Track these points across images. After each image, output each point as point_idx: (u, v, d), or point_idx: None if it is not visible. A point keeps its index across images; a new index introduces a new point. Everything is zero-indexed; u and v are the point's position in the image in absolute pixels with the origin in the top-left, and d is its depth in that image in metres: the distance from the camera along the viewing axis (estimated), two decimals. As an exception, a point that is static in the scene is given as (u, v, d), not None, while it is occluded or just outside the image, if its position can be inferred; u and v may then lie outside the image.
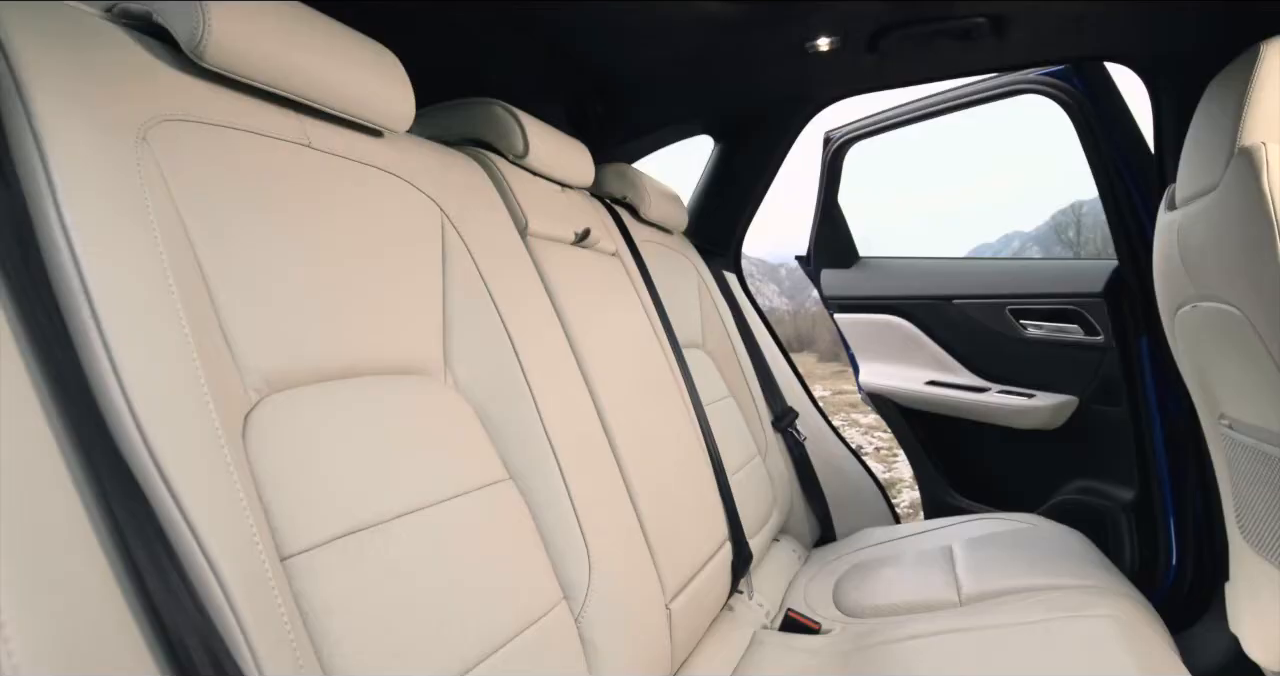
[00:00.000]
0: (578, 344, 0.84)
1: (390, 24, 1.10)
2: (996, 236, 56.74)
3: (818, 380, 8.99)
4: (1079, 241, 23.32)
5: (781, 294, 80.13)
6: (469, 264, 0.73)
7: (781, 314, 42.20)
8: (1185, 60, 1.23)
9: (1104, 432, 1.52)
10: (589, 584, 0.68)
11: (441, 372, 0.68)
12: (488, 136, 0.90)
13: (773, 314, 31.95)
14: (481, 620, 0.57)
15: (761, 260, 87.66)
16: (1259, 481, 1.02)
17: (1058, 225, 10.62)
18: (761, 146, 1.56)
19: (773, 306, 59.89)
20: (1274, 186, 0.81)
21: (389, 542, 0.52)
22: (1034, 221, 37.37)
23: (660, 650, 0.77)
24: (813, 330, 17.69)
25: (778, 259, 29.88)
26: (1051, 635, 0.85)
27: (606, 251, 1.06)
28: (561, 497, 0.70)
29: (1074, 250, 7.99)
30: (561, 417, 0.74)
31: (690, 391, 1.09)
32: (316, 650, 0.44)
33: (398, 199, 0.68)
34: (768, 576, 1.24)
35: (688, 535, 0.91)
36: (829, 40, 1.28)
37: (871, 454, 4.92)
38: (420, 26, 1.14)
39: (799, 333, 19.87)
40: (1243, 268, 0.87)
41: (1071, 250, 8.29)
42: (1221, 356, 1.00)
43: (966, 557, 1.18)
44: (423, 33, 1.16)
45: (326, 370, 0.55)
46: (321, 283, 0.57)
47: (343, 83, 0.62)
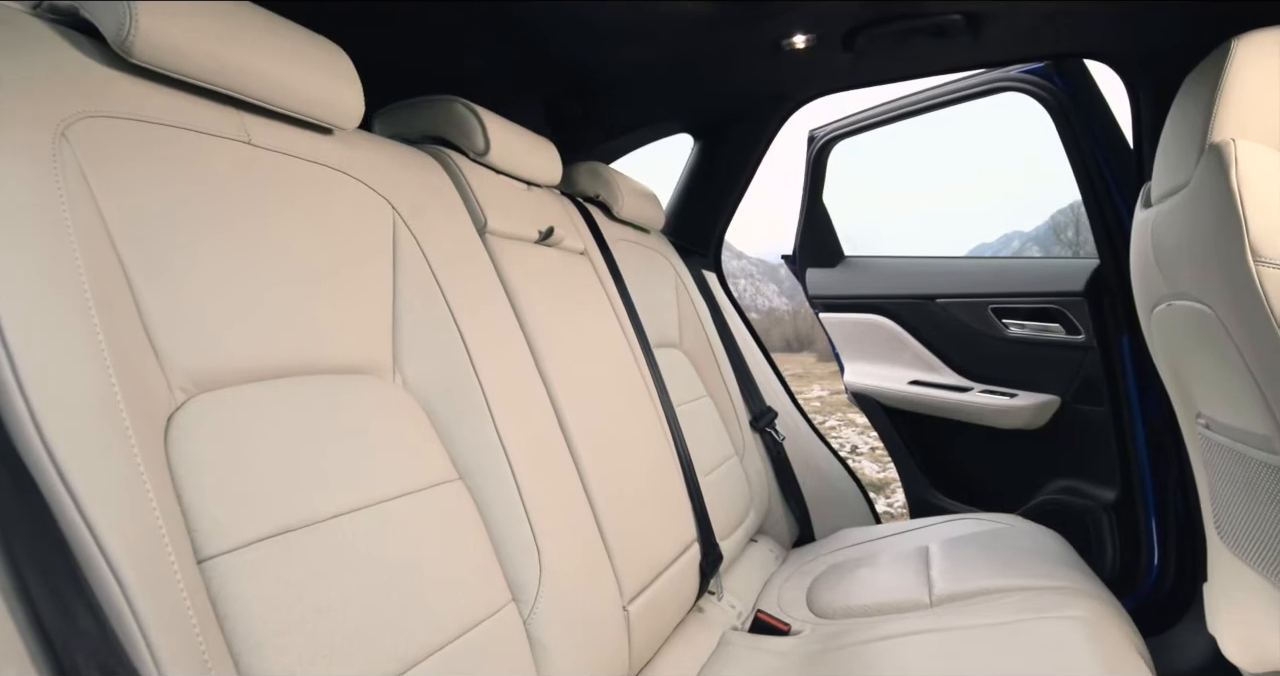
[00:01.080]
0: (537, 343, 0.83)
1: (365, 23, 1.10)
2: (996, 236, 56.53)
3: (816, 380, 8.98)
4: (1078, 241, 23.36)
5: (781, 294, 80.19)
6: (421, 262, 0.72)
7: (781, 314, 42.23)
8: (1162, 57, 1.22)
9: (1086, 432, 1.52)
10: (539, 585, 0.68)
11: (390, 372, 0.68)
12: (448, 134, 0.89)
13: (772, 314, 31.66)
14: (422, 620, 0.56)
15: (761, 260, 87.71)
16: (1234, 482, 1.01)
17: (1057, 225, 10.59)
18: (740, 145, 1.56)
19: (772, 306, 59.95)
20: (1242, 183, 0.81)
21: (321, 543, 0.51)
22: (1033, 221, 37.07)
23: (615, 651, 0.76)
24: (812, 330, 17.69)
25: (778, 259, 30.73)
26: (1018, 636, 0.85)
27: (574, 250, 1.05)
28: (512, 498, 0.69)
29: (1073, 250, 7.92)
30: (515, 417, 0.73)
31: (660, 391, 1.08)
32: (233, 652, 0.44)
33: (346, 197, 0.68)
34: (742, 577, 1.23)
35: (651, 536, 0.90)
36: (804, 38, 1.27)
37: (867, 453, 4.91)
38: (395, 25, 1.14)
39: (798, 333, 19.87)
40: (1213, 265, 0.86)
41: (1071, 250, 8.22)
42: (1196, 355, 0.99)
43: (941, 558, 1.17)
44: (398, 32, 1.16)
45: (262, 370, 0.55)
46: (259, 281, 0.56)
47: (285, 79, 0.62)
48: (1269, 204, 0.79)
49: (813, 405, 7.65)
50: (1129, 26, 1.21)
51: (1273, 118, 0.87)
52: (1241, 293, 0.79)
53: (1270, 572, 0.96)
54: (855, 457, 4.97)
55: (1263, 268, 0.76)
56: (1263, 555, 0.97)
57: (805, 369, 10.99)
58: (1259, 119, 0.86)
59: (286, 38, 0.63)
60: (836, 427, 6.08)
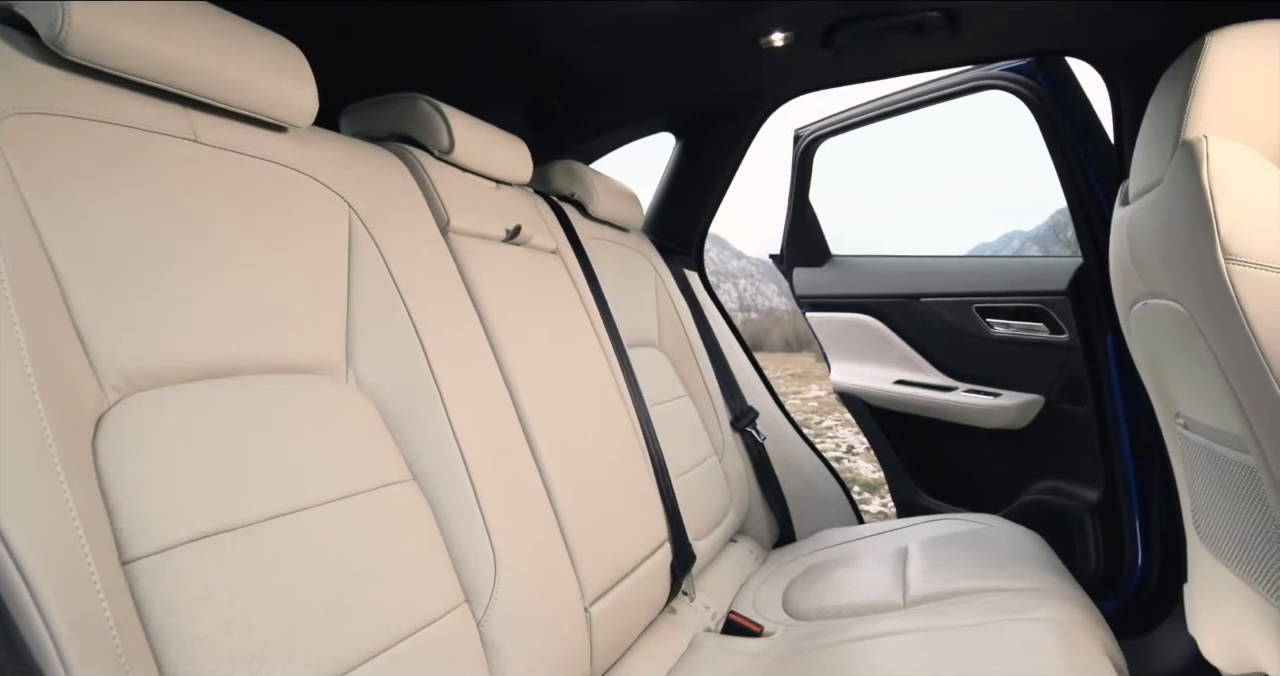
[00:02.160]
0: (499, 342, 0.83)
1: (343, 22, 1.09)
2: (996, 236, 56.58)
3: (814, 380, 8.97)
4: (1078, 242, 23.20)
5: (781, 294, 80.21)
6: (377, 261, 0.72)
7: (781, 314, 42.23)
8: (1141, 54, 1.22)
9: (1070, 432, 1.51)
10: (494, 586, 0.67)
11: (342, 371, 0.67)
12: (413, 132, 0.89)
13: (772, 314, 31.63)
14: (365, 622, 0.56)
15: (761, 260, 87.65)
16: (1211, 482, 1.01)
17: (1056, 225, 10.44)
18: (721, 143, 1.55)
19: (772, 306, 59.93)
20: (1213, 180, 0.80)
21: (258, 544, 0.51)
22: (1034, 221, 37.00)
23: (575, 653, 0.75)
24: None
25: (779, 259, 30.31)
26: (986, 638, 0.84)
27: (545, 249, 1.05)
28: (468, 499, 0.68)
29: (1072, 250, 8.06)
30: (473, 417, 0.72)
31: (632, 391, 1.08)
32: (157, 655, 0.43)
33: (299, 195, 0.67)
34: (719, 577, 1.22)
35: (617, 536, 0.89)
36: (783, 36, 1.26)
37: (863, 453, 4.91)
38: (373, 24, 1.13)
39: (798, 333, 19.84)
40: (1185, 263, 0.85)
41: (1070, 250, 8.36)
42: (1173, 355, 0.99)
43: (919, 559, 1.16)
44: (376, 31, 1.15)
45: (203, 369, 0.54)
46: (202, 279, 0.56)
47: (234, 76, 0.61)
48: (1240, 201, 0.78)
49: (810, 405, 7.64)
50: (1108, 24, 1.21)
51: (1246, 114, 0.86)
52: (1212, 291, 0.78)
53: (1246, 573, 0.95)
54: (851, 457, 4.96)
55: (1233, 266, 0.75)
56: (1239, 556, 0.96)
57: (804, 369, 10.98)
58: (1232, 115, 0.86)
59: (236, 35, 0.63)
60: (833, 428, 6.07)
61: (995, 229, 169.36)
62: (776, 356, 13.13)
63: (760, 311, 71.10)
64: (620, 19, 1.21)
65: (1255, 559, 0.92)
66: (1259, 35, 0.88)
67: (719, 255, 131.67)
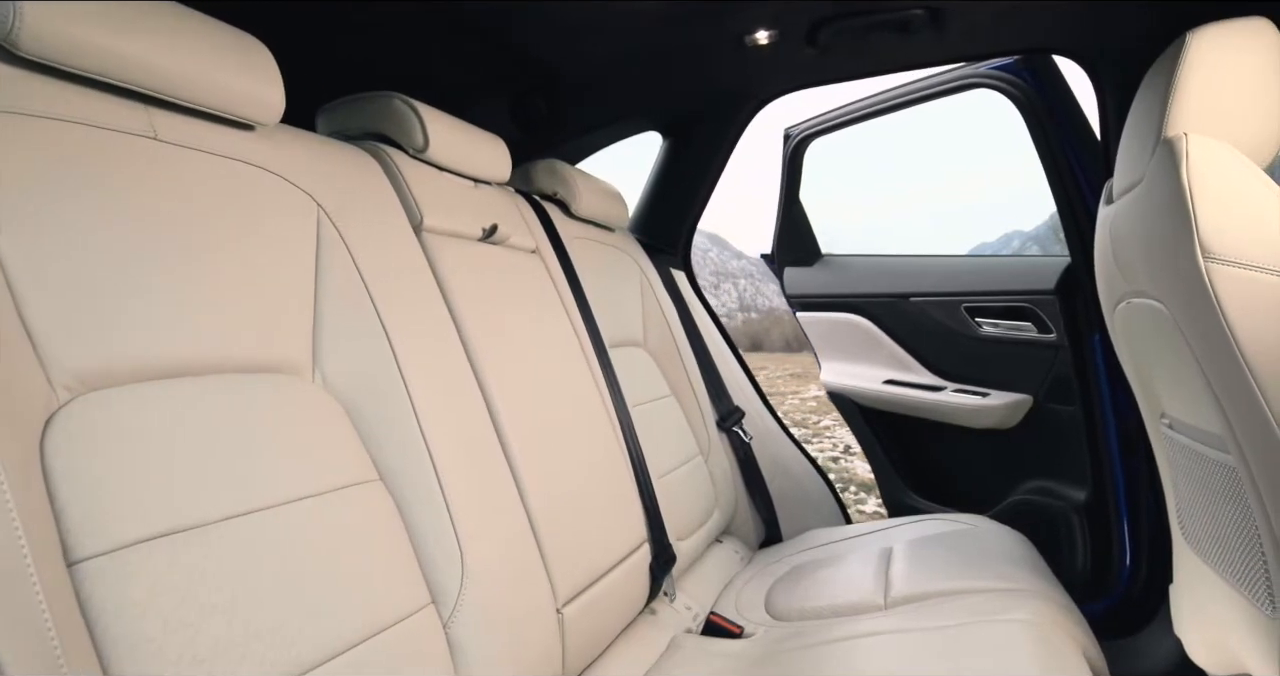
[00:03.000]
0: (472, 341, 0.82)
1: (327, 22, 1.09)
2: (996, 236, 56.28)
3: (814, 380, 8.95)
4: (1080, 241, 22.93)
5: (782, 294, 79.84)
6: (346, 260, 0.71)
7: (781, 313, 42.21)
8: (1126, 52, 1.21)
9: (1058, 432, 1.50)
10: (461, 588, 0.67)
11: (309, 371, 0.67)
12: (388, 130, 0.88)
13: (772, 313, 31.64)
14: (324, 623, 0.55)
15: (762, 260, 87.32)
16: (1195, 483, 1.00)
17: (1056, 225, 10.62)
18: (707, 142, 1.55)
19: (772, 306, 59.91)
20: (1193, 178, 0.79)
21: (211, 545, 0.50)
22: (1033, 221, 36.70)
23: (545, 654, 0.75)
24: (812, 330, 17.56)
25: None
26: (961, 639, 0.83)
27: (524, 248, 1.04)
28: (435, 499, 0.68)
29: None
30: (442, 417, 0.72)
31: (612, 390, 1.07)
32: (102, 656, 0.43)
33: (265, 193, 0.67)
34: (702, 579, 1.22)
35: (592, 537, 0.89)
36: (767, 34, 1.26)
37: (859, 453, 4.90)
38: (357, 24, 1.13)
39: (798, 333, 19.80)
40: (1165, 262, 0.84)
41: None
42: (1156, 354, 0.98)
43: (902, 559, 1.16)
44: (362, 30, 1.15)
45: (160, 368, 0.54)
46: (160, 278, 0.55)
47: (196, 74, 0.61)
48: (1220, 199, 0.77)
49: (809, 405, 7.63)
50: (1092, 22, 1.20)
51: (1227, 111, 0.85)
52: (1192, 290, 0.78)
53: (1228, 574, 0.95)
54: (848, 457, 4.96)
55: (1212, 264, 0.75)
56: (1221, 557, 0.96)
57: (804, 369, 10.96)
58: (1213, 113, 0.85)
59: (198, 32, 0.62)
60: (831, 428, 6.06)
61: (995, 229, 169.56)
62: (776, 356, 13.10)
63: (760, 311, 71.07)
64: (605, 18, 1.20)
65: (1237, 560, 0.91)
66: (1240, 33, 0.87)
67: (719, 255, 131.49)
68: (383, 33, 1.17)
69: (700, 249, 10.00)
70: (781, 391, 9.52)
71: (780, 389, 9.88)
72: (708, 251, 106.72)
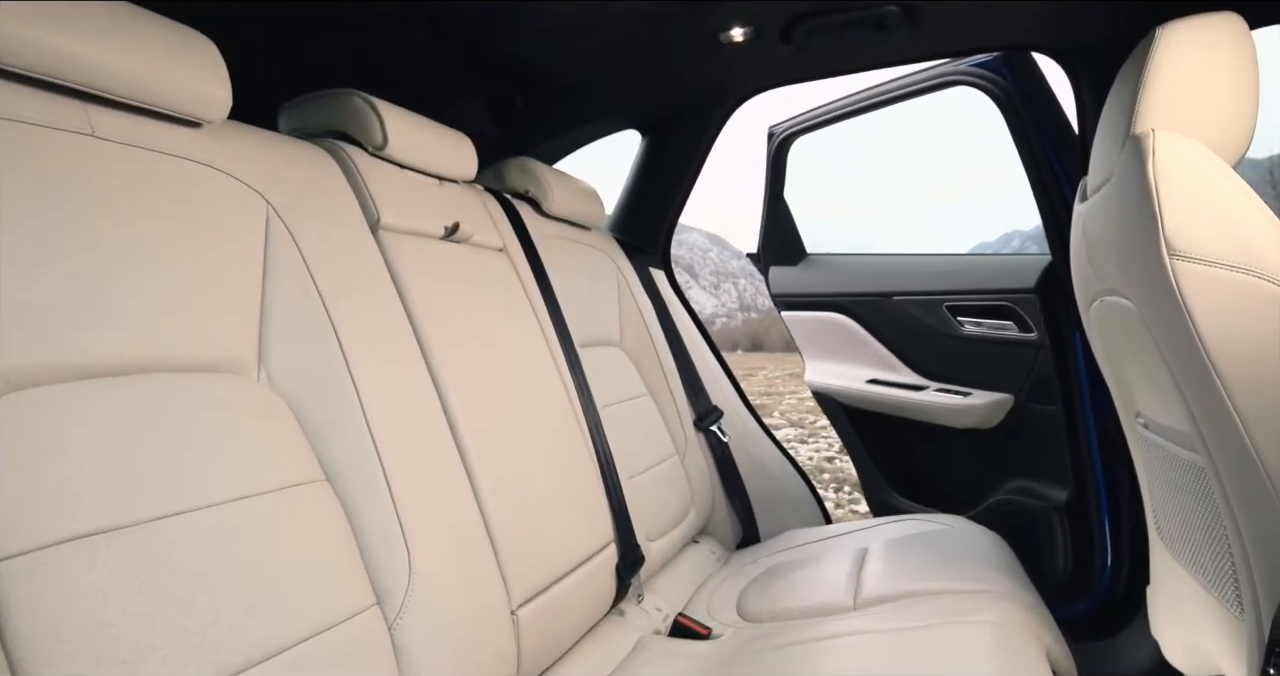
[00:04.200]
0: (429, 340, 0.81)
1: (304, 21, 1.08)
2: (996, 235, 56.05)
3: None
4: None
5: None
6: (296, 258, 0.71)
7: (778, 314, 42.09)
8: (1103, 49, 1.20)
9: (1039, 431, 1.49)
10: (407, 588, 0.66)
11: (254, 370, 0.66)
12: (347, 127, 0.88)
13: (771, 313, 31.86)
14: (259, 624, 0.55)
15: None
16: (1169, 483, 0.99)
17: (1058, 223, 10.31)
18: (685, 141, 1.54)
19: (769, 306, 59.77)
20: (1159, 174, 0.78)
21: (138, 546, 0.50)
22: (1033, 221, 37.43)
23: (498, 657, 0.74)
24: (812, 330, 17.50)
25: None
26: (922, 641, 0.82)
27: (490, 246, 1.03)
28: (383, 500, 0.67)
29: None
30: (392, 417, 0.71)
31: (580, 390, 1.06)
32: (12, 658, 0.42)
33: (211, 191, 0.66)
34: (676, 580, 1.21)
35: (552, 538, 0.88)
36: (742, 31, 1.26)
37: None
38: (334, 23, 1.12)
39: (798, 333, 19.73)
40: (1132, 259, 0.84)
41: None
42: (1130, 352, 0.97)
43: (876, 560, 1.15)
44: (337, 29, 1.14)
45: (94, 367, 0.53)
46: (95, 275, 0.55)
47: (136, 72, 0.60)
48: (1185, 196, 0.76)
49: (806, 404, 7.62)
50: (1069, 18, 1.19)
51: (1195, 107, 0.84)
52: (1157, 287, 0.77)
53: (1200, 574, 0.94)
54: (843, 457, 4.95)
55: (1177, 262, 0.74)
56: (1193, 557, 0.95)
57: (799, 370, 10.93)
58: (1181, 109, 0.84)
59: (141, 30, 0.62)
60: (828, 427, 6.04)
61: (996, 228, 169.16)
62: (776, 356, 13.06)
63: (760, 311, 71.04)
64: (580, 16, 1.20)
65: (1207, 560, 0.90)
66: (1210, 28, 0.86)
67: (719, 255, 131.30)
68: (360, 32, 1.16)
69: (700, 249, 9.99)
70: (780, 391, 9.52)
71: (779, 388, 9.87)
72: (708, 251, 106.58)
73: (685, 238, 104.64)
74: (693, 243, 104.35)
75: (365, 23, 1.15)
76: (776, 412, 7.51)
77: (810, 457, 5.23)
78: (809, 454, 5.36)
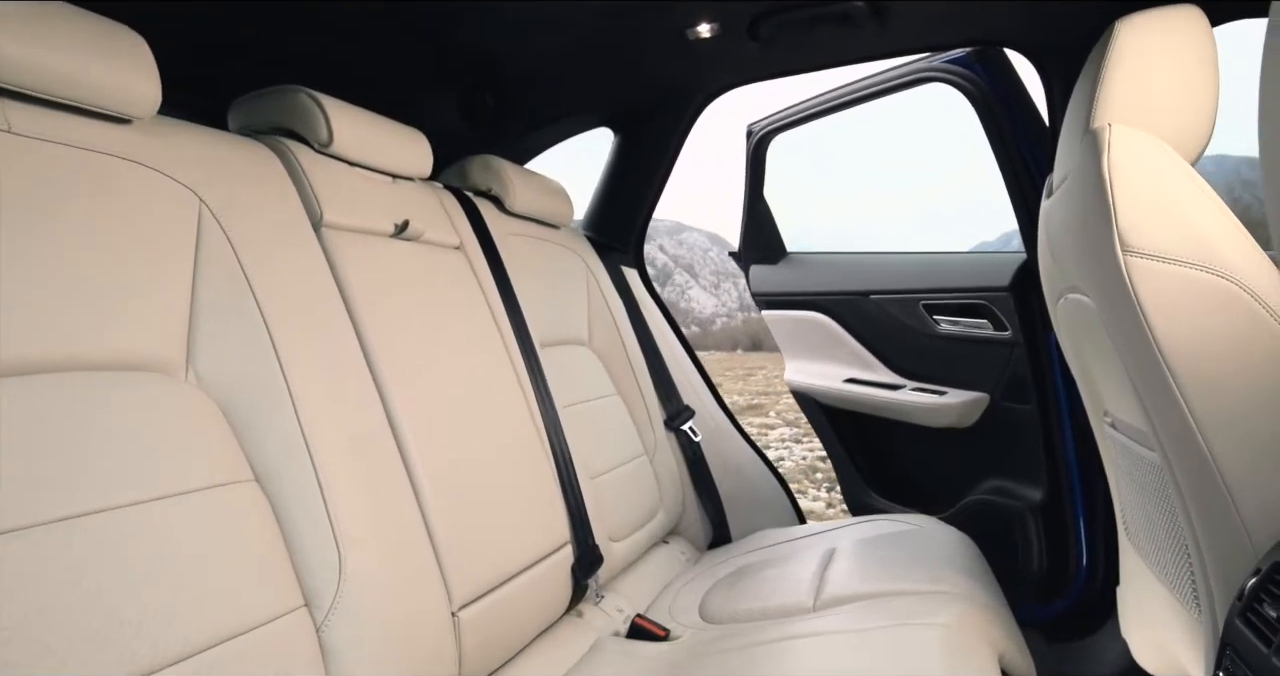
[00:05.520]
0: (371, 338, 0.80)
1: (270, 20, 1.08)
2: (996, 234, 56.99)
3: (810, 380, 8.89)
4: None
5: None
6: (229, 256, 0.70)
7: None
8: (1071, 44, 1.19)
9: (1015, 431, 1.48)
10: (337, 590, 0.65)
11: (181, 369, 0.65)
12: (292, 124, 0.87)
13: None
14: (174, 625, 0.54)
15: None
16: (1134, 482, 0.98)
17: (1058, 222, 10.14)
18: (656, 138, 1.53)
19: (775, 306, 59.93)
20: (1113, 169, 0.77)
21: (39, 546, 0.49)
22: (1037, 219, 36.22)
23: (437, 659, 0.73)
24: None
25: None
26: (874, 642, 0.81)
27: (445, 245, 1.02)
28: (313, 500, 0.66)
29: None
30: (327, 416, 0.70)
31: (538, 389, 1.05)
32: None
33: (137, 188, 0.65)
34: (640, 580, 1.20)
35: (501, 539, 0.87)
36: (709, 27, 1.25)
37: (849, 454, 4.87)
38: (301, 22, 1.12)
39: (798, 332, 19.73)
40: (1089, 256, 0.83)
41: (1072, 247, 8.01)
42: (1093, 351, 0.96)
43: (841, 561, 1.14)
44: (304, 28, 1.14)
45: (6, 366, 0.52)
46: (9, 273, 0.54)
47: (53, 65, 0.59)
48: (1139, 191, 0.75)
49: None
50: (1037, 14, 1.18)
51: (1151, 101, 0.83)
52: (1112, 284, 0.76)
53: (1162, 574, 0.93)
54: (835, 457, 4.92)
55: (1131, 258, 0.73)
56: (1157, 556, 0.94)
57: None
58: (1139, 103, 0.83)
59: (64, 26, 0.61)
60: (822, 428, 6.03)
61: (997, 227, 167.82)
62: (775, 356, 13.03)
63: (758, 311, 70.90)
64: (546, 11, 1.19)
65: (1168, 560, 0.89)
66: (1169, 21, 0.85)
67: (719, 255, 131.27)
68: (328, 30, 1.16)
69: (700, 248, 9.98)
70: (778, 390, 9.49)
71: (777, 388, 9.84)
72: (708, 251, 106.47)
73: (685, 237, 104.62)
74: (693, 242, 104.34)
75: (332, 21, 1.14)
76: (773, 412, 7.50)
77: (804, 457, 5.22)
78: (803, 453, 5.35)
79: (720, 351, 27.82)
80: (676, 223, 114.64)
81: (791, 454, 5.39)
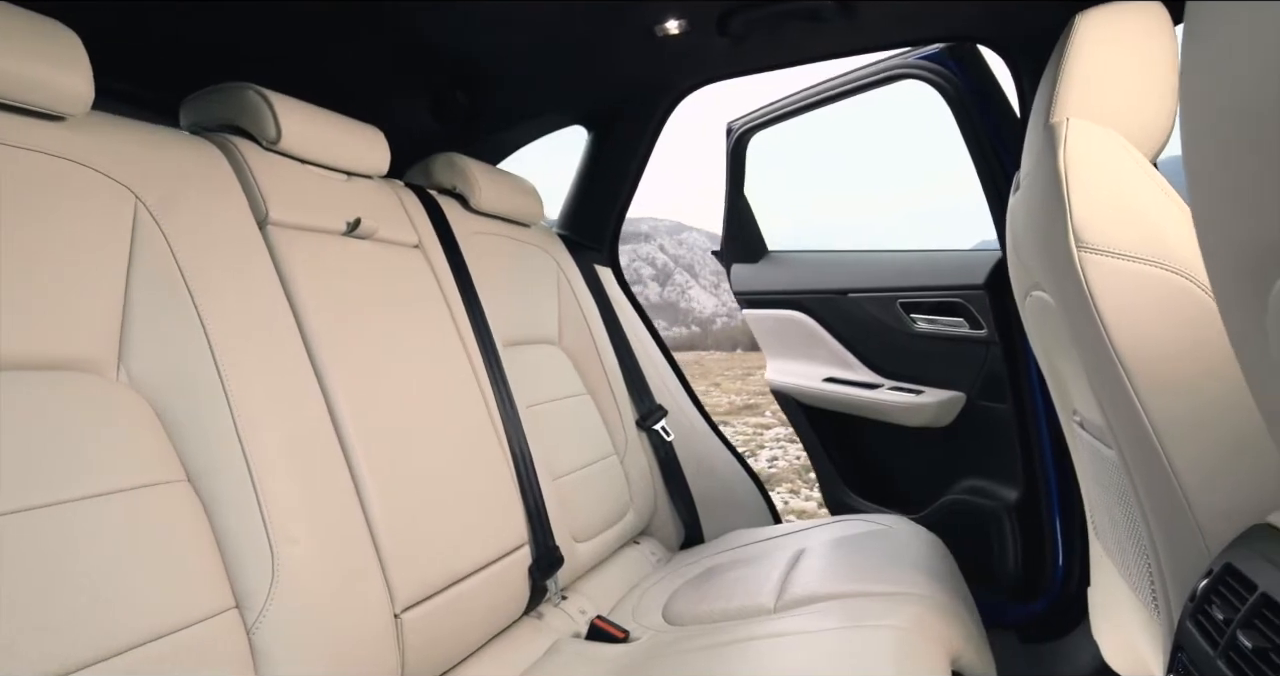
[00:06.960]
0: (316, 337, 0.80)
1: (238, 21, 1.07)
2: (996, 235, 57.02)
3: (808, 379, 8.88)
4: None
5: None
6: (165, 254, 0.69)
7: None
8: (1041, 40, 1.18)
9: (991, 430, 1.46)
10: (270, 591, 0.64)
11: (112, 368, 0.64)
12: (241, 121, 0.86)
13: (772, 313, 31.84)
14: (96, 624, 0.53)
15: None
16: (1097, 481, 0.97)
17: (1058, 221, 10.15)
18: (628, 136, 1.52)
19: (776, 306, 59.92)
20: (1069, 164, 0.76)
21: None
22: (1043, 218, 36.16)
23: (375, 661, 0.72)
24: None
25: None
26: (828, 645, 0.80)
27: (403, 243, 1.02)
28: (247, 500, 0.66)
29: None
30: (265, 417, 0.69)
31: (498, 389, 1.04)
32: None
33: (68, 185, 0.65)
34: (606, 581, 1.19)
35: (451, 539, 0.86)
36: (677, 23, 1.24)
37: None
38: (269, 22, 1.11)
39: (798, 332, 19.71)
40: (1048, 252, 0.82)
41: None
42: (1058, 349, 0.95)
43: (807, 561, 1.13)
44: (273, 29, 1.13)
45: None
46: None
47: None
48: (1094, 186, 0.74)
49: (800, 404, 7.58)
50: (1006, 9, 1.17)
51: (1109, 95, 0.82)
52: (1068, 279, 0.75)
53: (1126, 574, 0.92)
54: (829, 457, 4.91)
55: (1085, 253, 0.72)
56: (1121, 556, 0.93)
57: (799, 368, 10.89)
58: (1098, 97, 0.82)
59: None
60: (817, 427, 6.02)
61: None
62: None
63: (764, 311, 70.75)
64: (513, 8, 1.18)
65: (1131, 561, 0.88)
66: (1130, 16, 0.84)
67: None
68: (297, 29, 1.15)
69: (700, 249, 9.98)
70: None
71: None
72: (708, 251, 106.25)
73: (685, 237, 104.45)
74: (693, 242, 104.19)
75: (303, 19, 1.14)
76: (769, 412, 7.48)
77: (798, 456, 5.20)
78: (797, 452, 5.33)
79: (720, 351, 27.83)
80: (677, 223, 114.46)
81: (786, 453, 5.38)
